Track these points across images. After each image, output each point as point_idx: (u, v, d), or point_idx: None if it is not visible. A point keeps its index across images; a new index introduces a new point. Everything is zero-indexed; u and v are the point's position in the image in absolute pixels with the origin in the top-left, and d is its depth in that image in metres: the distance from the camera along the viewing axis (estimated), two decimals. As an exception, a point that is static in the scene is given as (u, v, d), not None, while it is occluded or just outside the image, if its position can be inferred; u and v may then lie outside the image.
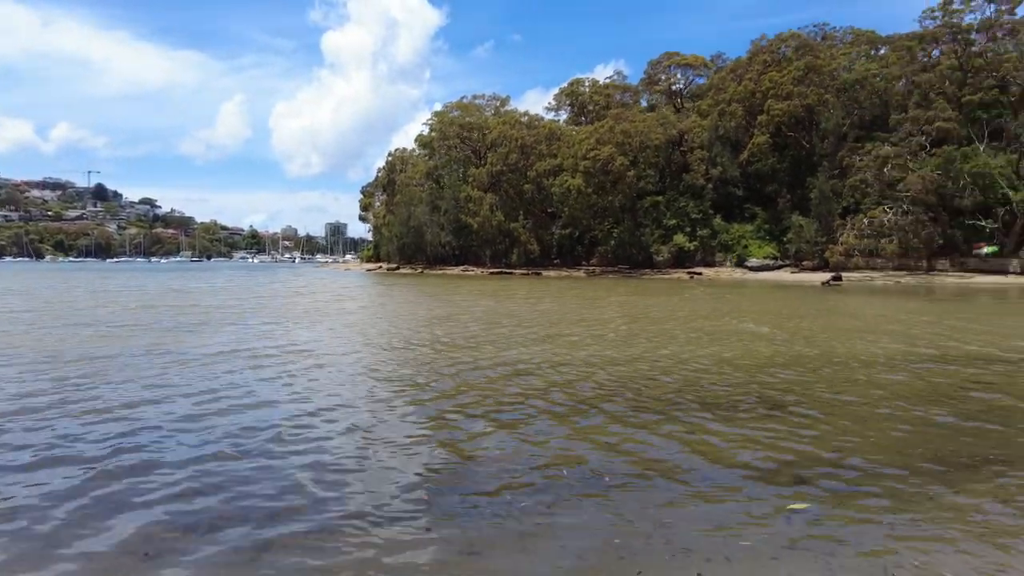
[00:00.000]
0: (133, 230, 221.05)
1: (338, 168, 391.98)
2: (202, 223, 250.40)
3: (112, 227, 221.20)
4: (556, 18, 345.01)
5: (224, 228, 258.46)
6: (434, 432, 6.14)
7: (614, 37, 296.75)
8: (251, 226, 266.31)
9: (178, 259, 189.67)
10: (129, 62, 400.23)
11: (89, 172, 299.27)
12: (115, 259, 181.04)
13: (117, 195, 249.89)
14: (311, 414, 6.73)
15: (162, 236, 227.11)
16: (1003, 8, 49.17)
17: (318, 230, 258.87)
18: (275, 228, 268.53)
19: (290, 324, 15.90)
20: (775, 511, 4.30)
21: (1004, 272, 45.69)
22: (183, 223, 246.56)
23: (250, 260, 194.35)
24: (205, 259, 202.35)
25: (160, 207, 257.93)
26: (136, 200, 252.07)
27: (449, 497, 4.57)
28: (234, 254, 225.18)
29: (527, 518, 4.23)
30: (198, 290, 33.15)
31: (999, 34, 50.27)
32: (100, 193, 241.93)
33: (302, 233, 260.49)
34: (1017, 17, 50.15)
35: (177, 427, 6.20)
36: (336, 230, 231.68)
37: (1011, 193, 45.42)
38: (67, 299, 25.10)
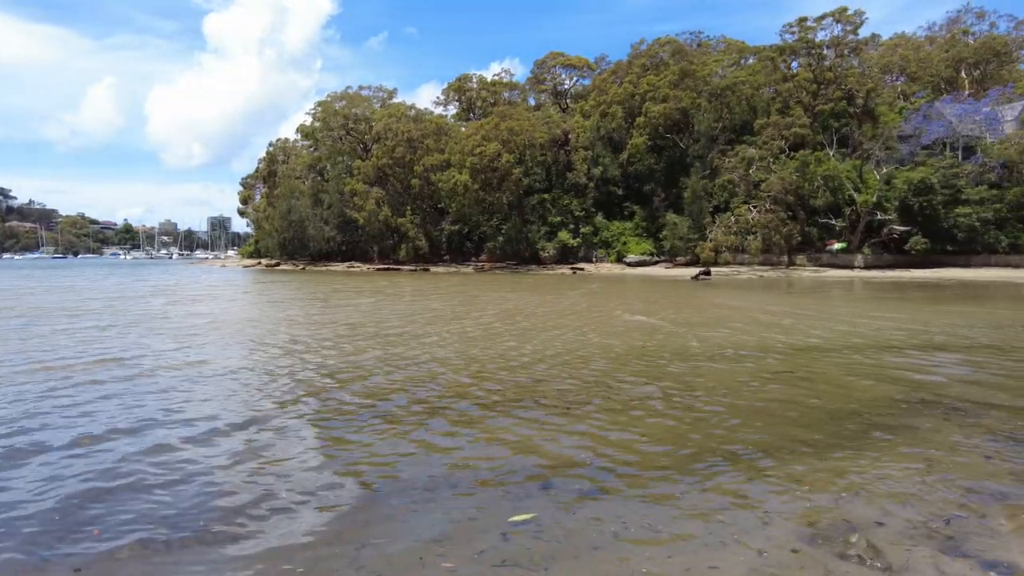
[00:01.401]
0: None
1: (222, 159, 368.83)
2: (67, 216, 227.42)
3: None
4: (451, 13, 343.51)
5: (94, 222, 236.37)
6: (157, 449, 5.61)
7: (509, 35, 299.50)
8: (125, 220, 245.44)
9: (36, 256, 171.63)
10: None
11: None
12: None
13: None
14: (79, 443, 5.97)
15: (17, 230, 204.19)
16: (848, 28, 53.93)
17: (201, 224, 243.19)
18: (153, 222, 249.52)
19: (123, 328, 14.49)
20: (501, 523, 4.11)
21: (851, 267, 50.28)
22: (44, 216, 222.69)
23: (122, 257, 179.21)
24: (71, 256, 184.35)
25: (15, 198, 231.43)
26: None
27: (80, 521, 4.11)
28: (105, 250, 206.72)
29: (222, 542, 3.87)
30: (37, 289, 29.94)
31: (846, 51, 55.17)
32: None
33: (183, 227, 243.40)
34: (860, 37, 55.31)
35: None
36: (219, 224, 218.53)
37: (855, 195, 49.97)
38: None
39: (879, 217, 49.46)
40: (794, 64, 58.86)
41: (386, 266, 62.85)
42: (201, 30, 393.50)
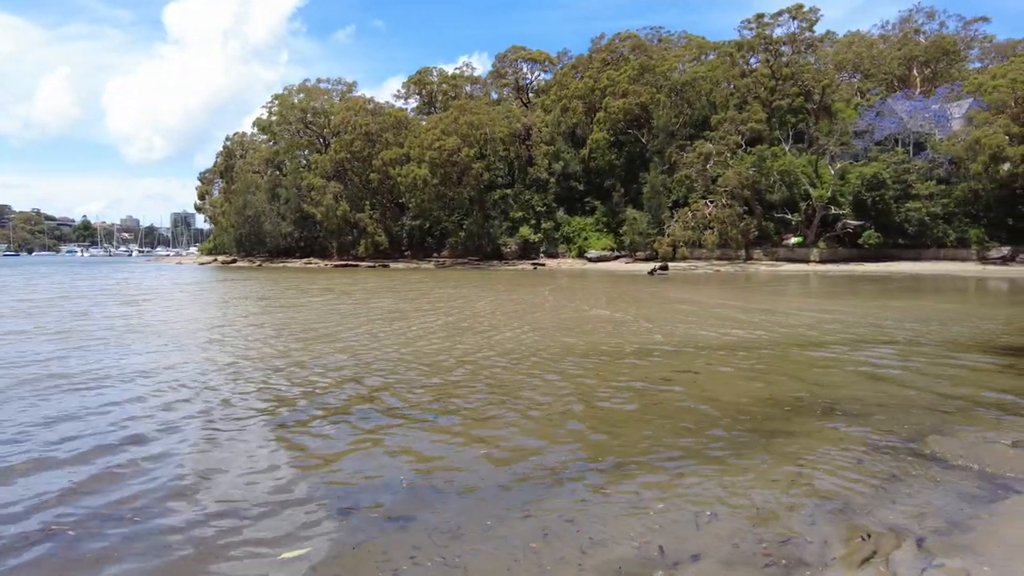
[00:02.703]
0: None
1: (185, 153, 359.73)
2: (20, 212, 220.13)
3: None
4: (419, 6, 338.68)
5: (50, 218, 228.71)
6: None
7: (478, 29, 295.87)
8: (84, 216, 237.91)
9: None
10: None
11: None
12: None
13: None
14: None
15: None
16: (803, 25, 54.44)
17: (164, 220, 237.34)
18: (114, 218, 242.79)
19: (26, 336, 13.56)
20: (271, 563, 3.54)
21: (807, 261, 50.81)
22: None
23: (79, 254, 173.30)
24: (25, 253, 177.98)
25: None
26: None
27: None
28: (62, 247, 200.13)
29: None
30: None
31: (802, 48, 55.71)
32: None
33: (146, 223, 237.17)
34: (816, 34, 55.92)
35: None
36: (182, 220, 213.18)
37: (811, 190, 50.52)
38: None
39: (833, 211, 50.06)
40: (752, 60, 59.27)
41: (344, 262, 61.70)
42: (160, 20, 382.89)
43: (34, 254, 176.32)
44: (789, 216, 51.90)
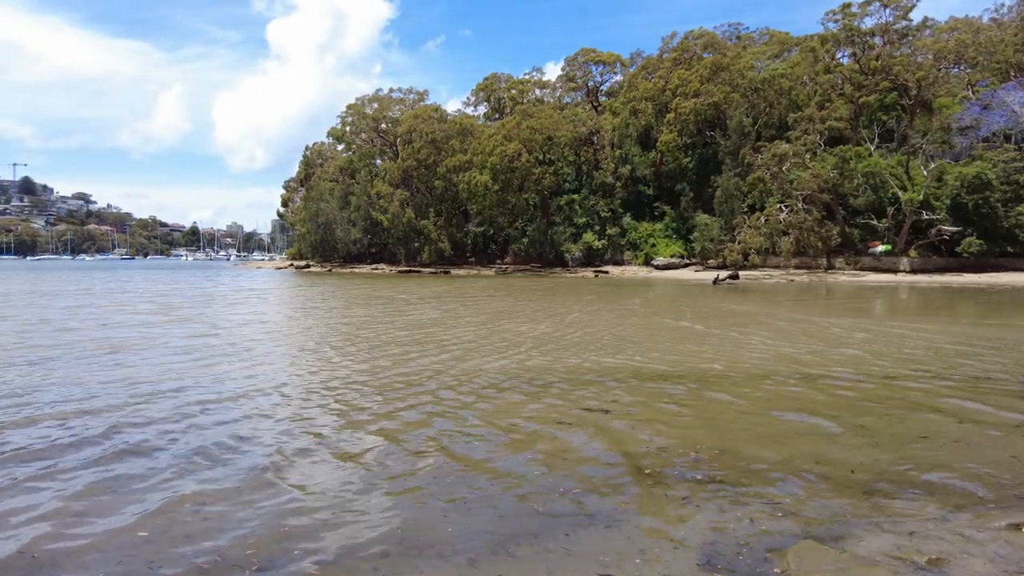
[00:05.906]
0: (62, 226, 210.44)
1: (283, 163, 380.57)
2: (140, 219, 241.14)
3: (39, 223, 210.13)
4: (507, 15, 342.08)
5: (164, 225, 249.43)
6: None
7: (564, 37, 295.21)
8: (194, 223, 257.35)
9: (104, 257, 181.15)
10: (63, 50, 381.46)
11: (15, 164, 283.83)
12: (36, 257, 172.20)
13: (47, 189, 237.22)
14: None
15: (94, 233, 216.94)
16: (897, 14, 49.50)
17: (265, 226, 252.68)
18: (221, 224, 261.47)
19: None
20: None
21: (895, 270, 46.14)
22: (120, 219, 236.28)
23: (184, 258, 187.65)
24: (142, 257, 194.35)
25: (95, 202, 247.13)
26: (69, 195, 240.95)
27: None
28: (172, 251, 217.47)
29: None
30: (37, 293, 30.48)
31: (895, 38, 50.69)
32: (27, 186, 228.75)
33: (249, 229, 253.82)
34: (911, 23, 50.65)
35: None
36: (279, 226, 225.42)
37: (900, 193, 45.79)
38: None
39: (927, 216, 45.11)
40: (839, 54, 54.61)
41: (408, 268, 62.22)
42: (264, 38, 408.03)
43: (148, 257, 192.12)
44: (875, 222, 47.31)
